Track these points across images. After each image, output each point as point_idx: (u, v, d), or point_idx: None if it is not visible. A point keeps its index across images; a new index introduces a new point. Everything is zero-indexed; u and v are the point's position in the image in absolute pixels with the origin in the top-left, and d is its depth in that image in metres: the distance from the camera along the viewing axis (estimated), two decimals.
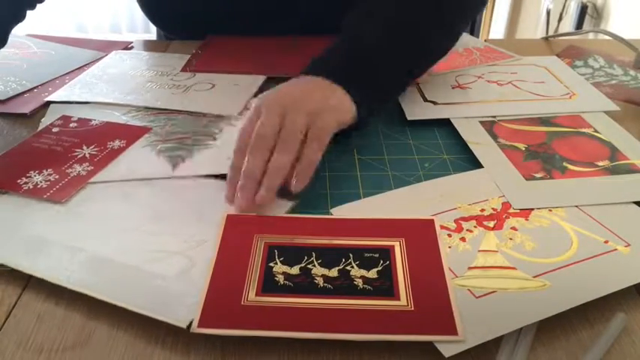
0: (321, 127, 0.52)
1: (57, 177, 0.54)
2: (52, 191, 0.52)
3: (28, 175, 0.55)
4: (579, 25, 1.89)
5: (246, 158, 0.50)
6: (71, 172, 0.55)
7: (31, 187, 0.53)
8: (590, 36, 1.62)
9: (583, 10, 1.88)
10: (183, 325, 0.39)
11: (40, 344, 0.39)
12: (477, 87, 0.72)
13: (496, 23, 2.48)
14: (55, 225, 0.49)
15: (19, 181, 0.54)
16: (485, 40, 0.87)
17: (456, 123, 0.64)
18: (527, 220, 0.49)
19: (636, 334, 0.40)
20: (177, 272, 0.44)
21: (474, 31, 2.51)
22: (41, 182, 0.54)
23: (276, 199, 0.50)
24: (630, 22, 1.67)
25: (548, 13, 2.10)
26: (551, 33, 1.70)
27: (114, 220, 0.49)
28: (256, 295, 0.41)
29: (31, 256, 0.45)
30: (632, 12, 1.67)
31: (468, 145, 0.60)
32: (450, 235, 0.47)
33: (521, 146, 0.60)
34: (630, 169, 0.56)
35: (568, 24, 1.97)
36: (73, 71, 0.77)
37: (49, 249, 0.46)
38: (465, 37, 0.88)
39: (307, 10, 0.86)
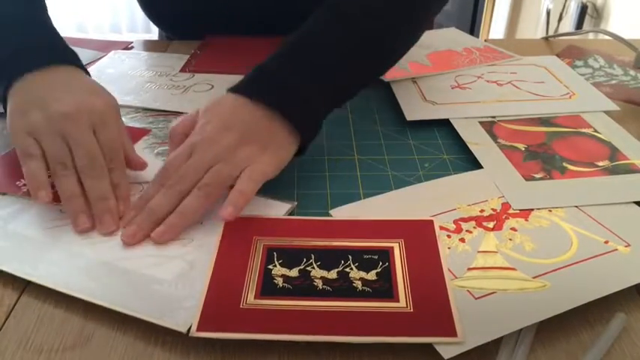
0: (249, 178, 0.49)
1: None
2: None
3: None
4: (579, 25, 1.89)
5: (161, 192, 0.48)
6: None
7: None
8: (590, 36, 1.62)
9: (583, 10, 1.88)
10: (183, 330, 0.39)
11: (40, 345, 0.39)
12: (476, 87, 0.72)
13: (496, 23, 2.47)
14: (53, 229, 0.49)
15: (17, 182, 0.54)
16: (485, 40, 0.87)
17: (455, 123, 0.64)
18: (526, 220, 0.49)
19: (636, 334, 0.40)
20: (175, 276, 0.43)
21: (473, 31, 2.51)
22: None
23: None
24: (630, 22, 1.67)
25: (548, 13, 2.10)
26: (551, 33, 1.70)
27: None
28: (255, 297, 0.41)
29: (29, 261, 0.45)
30: (632, 12, 1.67)
31: (468, 145, 0.60)
32: (449, 236, 0.47)
33: (521, 146, 0.60)
34: (630, 169, 0.56)
35: (568, 24, 1.97)
36: None
37: (48, 254, 0.46)
38: (465, 37, 0.88)
39: (307, 10, 0.86)
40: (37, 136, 0.51)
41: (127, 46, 0.86)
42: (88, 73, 0.60)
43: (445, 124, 0.65)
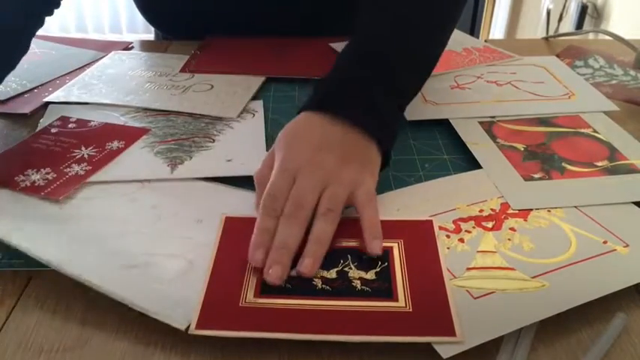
0: (369, 202, 0.48)
1: (55, 175, 0.55)
2: (49, 189, 0.52)
3: (25, 173, 0.55)
4: (579, 25, 1.89)
5: (283, 224, 0.46)
6: (69, 171, 0.55)
7: (28, 184, 0.53)
8: (591, 36, 1.62)
9: (583, 10, 1.88)
10: (182, 327, 0.39)
11: (40, 345, 0.39)
12: (476, 87, 0.72)
13: (496, 23, 2.47)
14: (53, 227, 0.49)
15: (16, 178, 0.54)
16: (485, 41, 0.87)
17: (454, 123, 0.64)
18: (525, 220, 0.49)
19: (636, 334, 0.40)
20: (175, 275, 0.44)
21: (473, 31, 2.51)
22: (39, 180, 0.54)
23: None
24: (630, 22, 1.67)
25: (548, 13, 2.10)
26: (551, 33, 1.70)
27: (112, 223, 0.49)
28: (254, 296, 0.41)
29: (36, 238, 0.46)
30: (632, 12, 1.67)
31: (467, 145, 0.60)
32: (448, 236, 0.47)
33: (520, 146, 0.60)
34: (629, 170, 0.56)
35: (568, 24, 1.97)
36: (73, 71, 0.77)
37: (48, 249, 0.46)
38: (464, 37, 0.88)
39: (307, 10, 0.86)
40: None
41: (127, 47, 0.86)
42: None
43: (446, 124, 0.65)
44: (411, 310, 0.40)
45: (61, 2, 0.70)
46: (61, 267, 0.43)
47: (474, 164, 0.57)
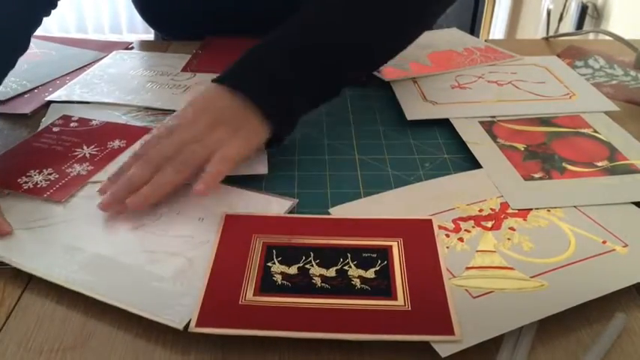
0: (220, 160, 0.52)
1: (57, 176, 0.55)
2: (51, 190, 0.53)
3: (28, 174, 0.55)
4: (579, 25, 1.89)
5: (138, 164, 0.52)
6: (71, 171, 0.55)
7: (31, 186, 0.53)
8: (591, 36, 1.62)
9: (583, 11, 1.88)
10: (180, 327, 0.39)
11: (41, 344, 0.39)
12: (476, 87, 0.72)
13: (496, 23, 2.47)
14: (54, 224, 0.49)
15: (19, 180, 0.54)
16: (485, 41, 0.87)
17: (455, 123, 0.64)
18: (525, 220, 0.49)
19: (636, 334, 0.40)
20: (175, 273, 0.44)
21: (474, 31, 2.51)
22: (41, 181, 0.54)
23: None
24: (630, 22, 1.67)
25: (548, 13, 2.10)
26: (551, 33, 1.70)
27: (113, 221, 0.50)
28: (254, 294, 0.41)
29: (31, 255, 0.45)
30: (632, 12, 1.67)
31: (467, 145, 0.60)
32: (448, 235, 0.47)
33: (521, 146, 0.60)
34: (629, 170, 0.56)
35: (568, 24, 1.97)
36: (73, 71, 0.77)
37: (49, 248, 0.46)
38: (466, 37, 0.88)
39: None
40: None
41: (126, 47, 0.86)
42: None
43: (445, 124, 0.65)
44: (410, 308, 0.40)
45: (58, 3, 0.70)
46: (58, 280, 0.43)
47: (474, 164, 0.58)
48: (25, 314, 0.42)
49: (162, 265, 0.44)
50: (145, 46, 0.89)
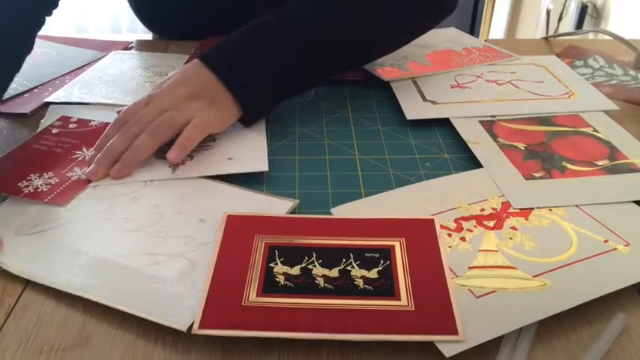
0: (195, 126, 0.56)
1: (57, 180, 0.54)
2: (52, 195, 0.52)
3: (28, 178, 0.54)
4: (579, 25, 1.89)
5: (119, 134, 0.55)
6: (72, 175, 0.55)
7: (31, 190, 0.53)
8: (590, 36, 1.62)
9: (583, 10, 1.88)
10: (183, 329, 0.39)
11: (40, 344, 0.39)
12: (476, 86, 0.72)
13: (496, 23, 2.47)
14: (55, 228, 0.49)
15: (19, 184, 0.54)
16: (485, 40, 0.87)
17: (455, 123, 0.64)
18: (527, 219, 0.49)
19: (636, 334, 0.40)
20: (177, 275, 0.43)
21: (473, 31, 2.51)
22: (42, 186, 0.53)
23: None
24: (630, 22, 1.67)
25: (548, 13, 2.10)
26: (551, 33, 1.70)
27: (115, 223, 0.49)
28: (257, 295, 0.41)
29: (30, 260, 0.45)
30: (632, 12, 1.67)
31: (468, 144, 0.60)
32: (450, 235, 0.47)
33: (521, 146, 0.60)
34: (629, 169, 0.56)
35: (568, 24, 1.97)
36: (73, 71, 0.77)
37: (50, 252, 0.46)
38: (464, 37, 0.88)
39: None
40: None
41: (126, 47, 0.86)
42: None
43: (446, 124, 0.65)
44: (413, 308, 0.40)
45: (59, 2, 0.70)
46: (59, 285, 0.43)
47: (474, 163, 0.57)
48: (24, 314, 0.41)
49: (165, 267, 0.44)
50: (145, 45, 0.88)
